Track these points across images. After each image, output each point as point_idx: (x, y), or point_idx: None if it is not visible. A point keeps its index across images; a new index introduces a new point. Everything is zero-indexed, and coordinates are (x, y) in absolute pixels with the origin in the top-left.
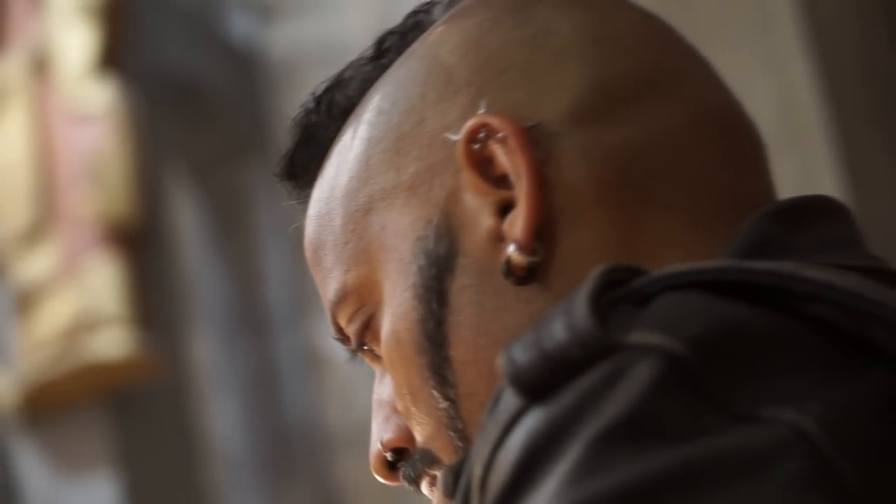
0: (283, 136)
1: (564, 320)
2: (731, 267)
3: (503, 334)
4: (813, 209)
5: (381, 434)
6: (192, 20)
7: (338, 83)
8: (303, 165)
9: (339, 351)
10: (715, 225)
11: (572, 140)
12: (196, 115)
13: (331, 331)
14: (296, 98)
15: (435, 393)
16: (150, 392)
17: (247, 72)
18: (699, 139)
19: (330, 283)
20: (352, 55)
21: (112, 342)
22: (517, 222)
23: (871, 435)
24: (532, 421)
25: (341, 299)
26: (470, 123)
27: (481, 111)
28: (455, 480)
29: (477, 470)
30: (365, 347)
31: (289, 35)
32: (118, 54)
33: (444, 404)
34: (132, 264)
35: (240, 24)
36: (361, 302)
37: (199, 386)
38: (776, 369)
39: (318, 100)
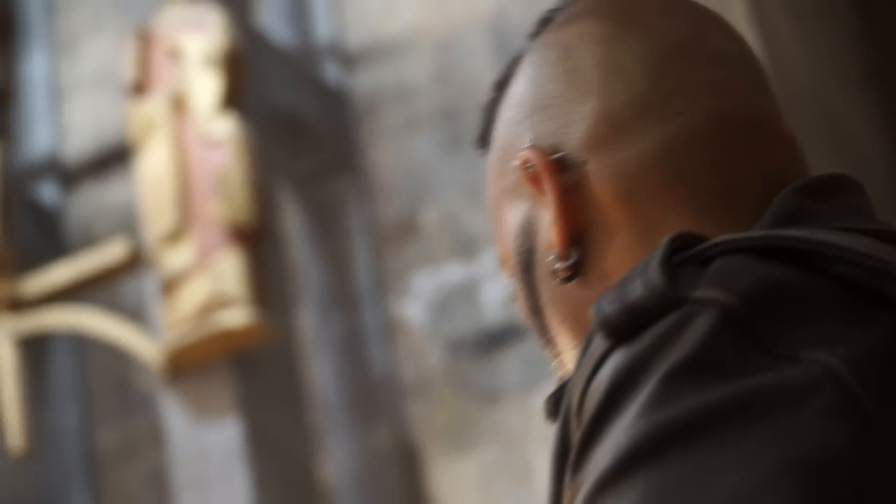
0: (367, 157)
1: (642, 278)
2: (771, 235)
3: (571, 314)
4: (832, 184)
5: None
6: (295, 68)
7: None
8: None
9: (410, 321)
10: (714, 215)
11: (592, 163)
12: (298, 141)
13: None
14: (375, 128)
15: (541, 339)
16: (266, 354)
17: (337, 107)
18: (693, 146)
19: (495, 245)
20: (417, 94)
21: (236, 316)
22: (553, 235)
23: (888, 373)
24: (617, 359)
25: (500, 262)
26: (519, 155)
27: (526, 145)
28: (555, 406)
29: (575, 397)
30: None
31: (369, 79)
32: (238, 95)
33: (546, 346)
34: (251, 257)
35: (331, 71)
36: (507, 268)
37: (303, 349)
38: (810, 318)
39: (490, 100)
